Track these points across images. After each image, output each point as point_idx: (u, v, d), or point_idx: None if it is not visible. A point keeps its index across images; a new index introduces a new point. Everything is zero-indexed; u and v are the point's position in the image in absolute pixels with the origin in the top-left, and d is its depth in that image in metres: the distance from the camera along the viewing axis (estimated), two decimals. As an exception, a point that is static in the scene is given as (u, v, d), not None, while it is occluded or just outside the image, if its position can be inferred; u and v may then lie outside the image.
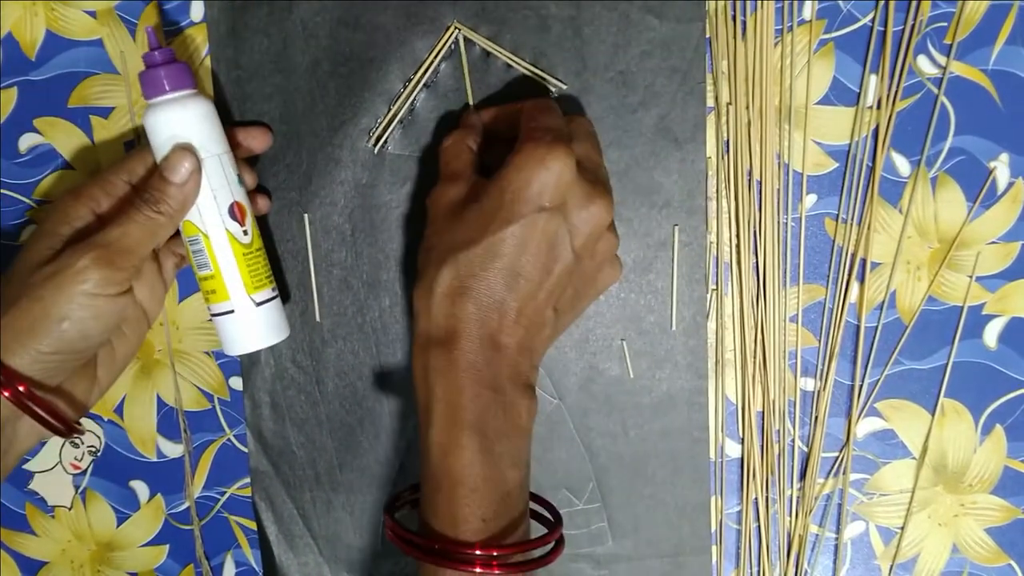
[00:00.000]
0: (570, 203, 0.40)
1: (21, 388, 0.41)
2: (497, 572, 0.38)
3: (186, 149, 0.43)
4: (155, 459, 0.53)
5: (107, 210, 0.45)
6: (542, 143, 0.40)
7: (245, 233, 0.45)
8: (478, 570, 0.38)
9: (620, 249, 0.46)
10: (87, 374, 0.45)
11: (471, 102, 0.49)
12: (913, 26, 0.48)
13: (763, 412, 0.51)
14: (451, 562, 0.38)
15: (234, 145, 0.47)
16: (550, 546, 0.41)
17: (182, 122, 0.44)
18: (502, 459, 0.40)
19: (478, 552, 0.38)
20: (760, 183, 0.49)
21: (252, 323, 0.46)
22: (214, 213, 0.44)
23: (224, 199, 0.45)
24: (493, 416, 0.40)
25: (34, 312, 0.41)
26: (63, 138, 0.51)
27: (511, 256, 0.40)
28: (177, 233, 0.45)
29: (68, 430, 0.44)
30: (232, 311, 0.46)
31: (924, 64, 0.49)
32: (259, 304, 0.46)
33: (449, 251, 0.40)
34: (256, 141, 0.48)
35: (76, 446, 0.54)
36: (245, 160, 0.48)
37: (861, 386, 0.50)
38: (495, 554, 0.38)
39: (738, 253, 0.50)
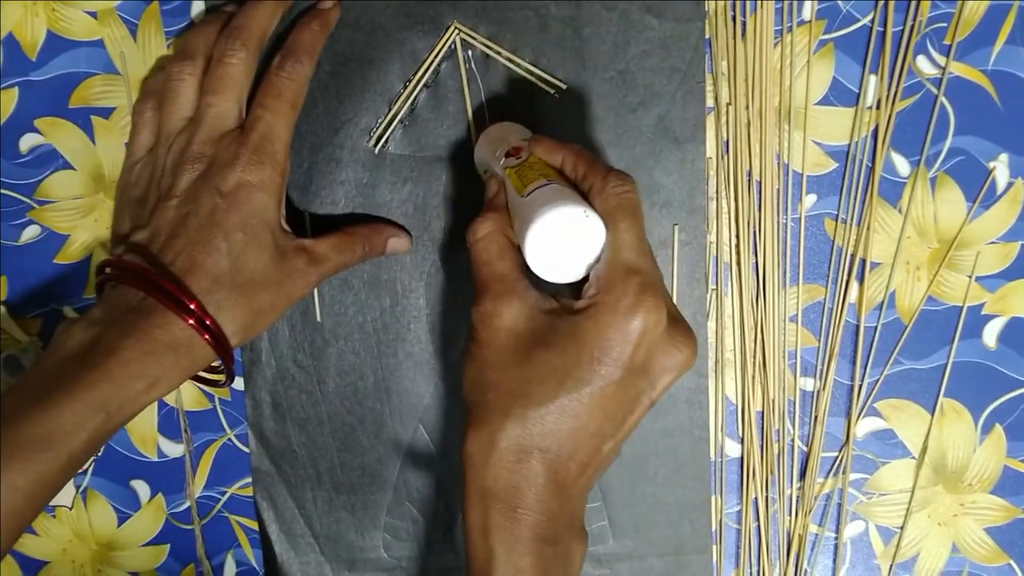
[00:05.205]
0: (655, 356, 0.37)
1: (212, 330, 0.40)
2: None
3: None
4: (156, 459, 0.53)
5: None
6: (627, 295, 0.36)
7: None
8: None
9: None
10: None
11: (469, 104, 0.49)
12: (912, 26, 0.48)
13: (763, 412, 0.51)
14: None
15: None
16: None
17: None
18: None
19: None
20: (760, 183, 0.49)
21: None
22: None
23: None
24: (552, 571, 0.37)
25: (279, 300, 0.43)
26: (64, 138, 0.51)
27: (586, 418, 0.36)
28: None
29: (229, 377, 0.44)
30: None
31: (923, 64, 0.49)
32: None
33: (515, 401, 0.37)
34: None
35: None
36: None
37: (861, 386, 0.51)
38: None
39: (738, 253, 0.50)
